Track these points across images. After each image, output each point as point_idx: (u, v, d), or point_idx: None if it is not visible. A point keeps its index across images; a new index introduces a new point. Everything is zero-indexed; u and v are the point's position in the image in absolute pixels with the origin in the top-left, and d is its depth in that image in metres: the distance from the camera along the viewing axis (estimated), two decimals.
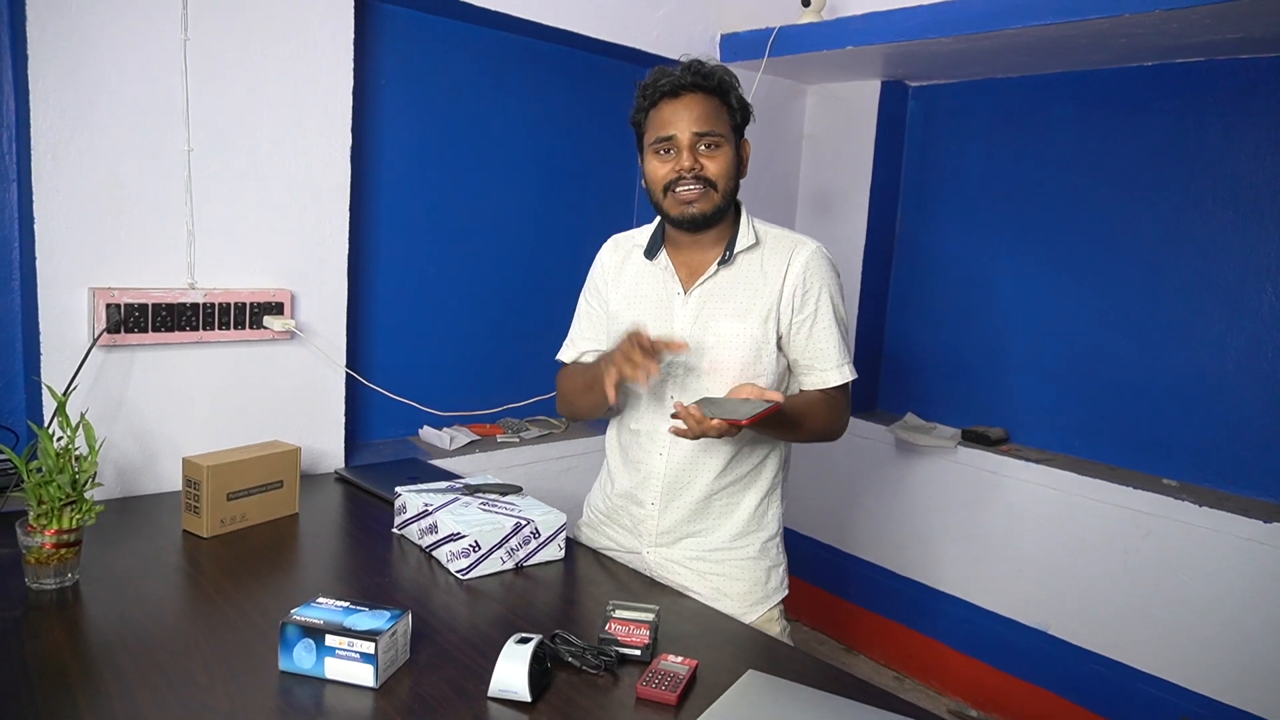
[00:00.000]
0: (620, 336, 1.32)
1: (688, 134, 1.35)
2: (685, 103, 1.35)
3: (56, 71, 1.53)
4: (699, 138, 1.35)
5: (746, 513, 1.47)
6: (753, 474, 1.47)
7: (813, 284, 1.40)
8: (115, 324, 1.62)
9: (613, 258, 1.55)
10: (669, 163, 1.37)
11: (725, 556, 1.47)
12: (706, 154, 1.36)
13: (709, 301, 1.41)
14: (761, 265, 1.41)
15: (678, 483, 1.46)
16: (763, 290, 1.40)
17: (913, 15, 2.26)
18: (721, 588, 1.47)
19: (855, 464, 2.96)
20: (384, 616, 1.09)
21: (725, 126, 1.37)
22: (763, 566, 1.49)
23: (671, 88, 1.35)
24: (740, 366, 1.39)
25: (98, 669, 1.05)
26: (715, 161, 1.36)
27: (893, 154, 2.97)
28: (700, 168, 1.35)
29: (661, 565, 1.50)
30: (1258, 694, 2.10)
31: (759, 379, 1.40)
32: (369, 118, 2.10)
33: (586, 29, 2.31)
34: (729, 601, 1.46)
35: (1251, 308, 2.26)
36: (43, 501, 1.22)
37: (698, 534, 1.48)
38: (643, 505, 1.49)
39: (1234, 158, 2.27)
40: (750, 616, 1.46)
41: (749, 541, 1.48)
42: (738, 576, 1.47)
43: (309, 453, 1.92)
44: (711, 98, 1.36)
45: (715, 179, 1.36)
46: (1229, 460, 2.31)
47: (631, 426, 1.50)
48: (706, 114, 1.35)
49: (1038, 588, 2.55)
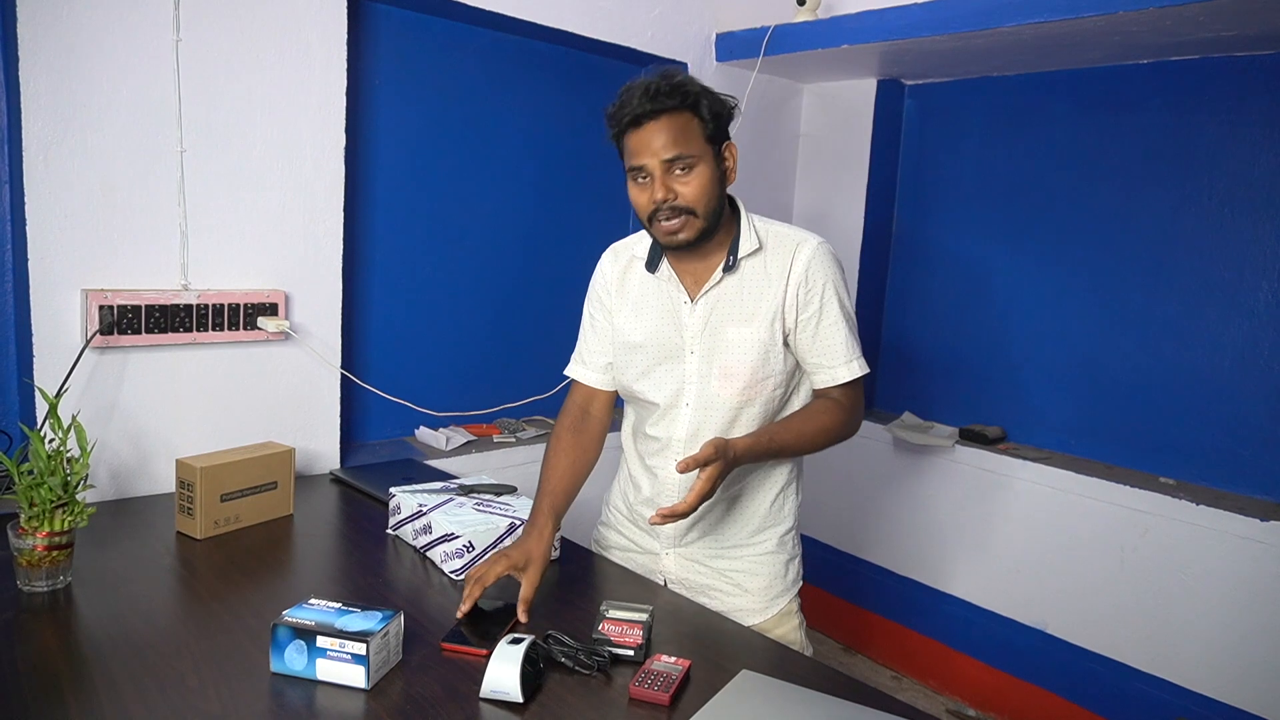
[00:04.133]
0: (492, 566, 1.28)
1: (656, 162, 1.29)
2: (649, 131, 1.29)
3: (48, 72, 1.53)
4: (669, 165, 1.29)
5: (764, 507, 1.47)
6: (767, 469, 1.47)
7: (816, 281, 1.39)
8: (108, 325, 1.61)
9: (614, 268, 1.51)
10: (646, 191, 1.32)
11: (744, 552, 1.47)
12: (680, 178, 1.30)
13: (716, 308, 1.40)
14: (765, 268, 1.40)
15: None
16: (767, 293, 1.39)
17: (907, 13, 2.26)
18: (742, 583, 1.47)
19: (853, 463, 2.95)
20: (376, 618, 1.08)
21: (698, 143, 1.30)
22: (781, 560, 1.49)
23: (632, 117, 1.29)
24: (750, 370, 1.38)
25: (89, 672, 1.05)
26: (690, 185, 1.30)
27: (889, 153, 2.96)
28: (675, 196, 1.30)
29: (680, 566, 1.50)
30: (1254, 692, 2.10)
31: (768, 380, 1.39)
32: (363, 118, 2.10)
33: (581, 28, 2.31)
34: (749, 597, 1.47)
35: (1248, 305, 2.25)
36: (34, 504, 1.21)
37: (715, 531, 1.48)
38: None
39: (1230, 155, 2.27)
40: (772, 610, 1.47)
41: (767, 536, 1.48)
42: (757, 571, 1.48)
43: (304, 454, 1.91)
44: (678, 116, 1.29)
45: (693, 205, 1.31)
46: (1226, 459, 2.30)
47: (648, 433, 1.48)
48: (673, 138, 1.28)
49: (1035, 586, 2.54)
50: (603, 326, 1.52)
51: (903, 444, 2.83)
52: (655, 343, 1.42)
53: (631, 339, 1.45)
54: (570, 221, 2.57)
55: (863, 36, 2.37)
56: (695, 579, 1.48)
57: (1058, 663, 2.48)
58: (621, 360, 1.47)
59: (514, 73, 2.39)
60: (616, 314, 1.49)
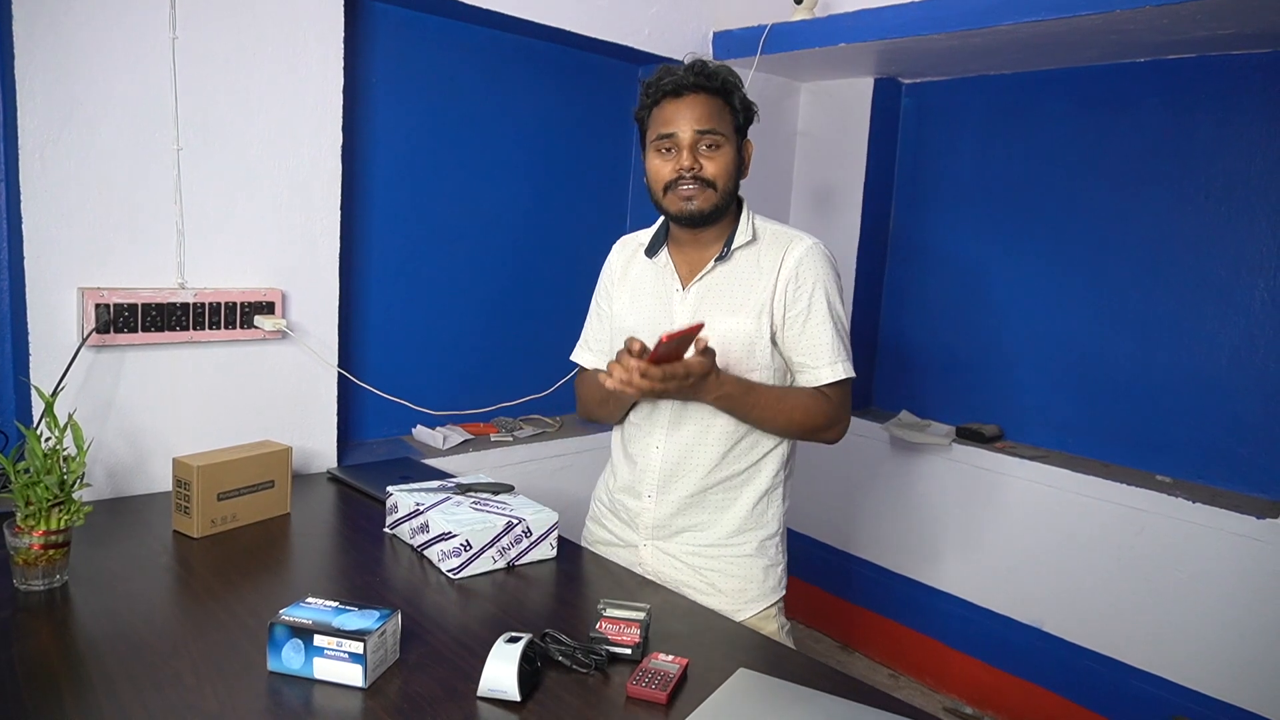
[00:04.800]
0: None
1: (689, 132, 1.36)
2: (688, 102, 1.36)
3: (44, 70, 1.52)
4: (700, 136, 1.36)
5: (744, 509, 1.47)
6: (751, 470, 1.47)
7: (805, 279, 1.39)
8: (104, 324, 1.61)
9: (619, 257, 1.58)
10: (670, 161, 1.38)
11: (720, 552, 1.47)
12: (707, 154, 1.37)
13: (706, 297, 1.43)
14: (758, 261, 1.42)
15: (673, 475, 1.46)
16: (757, 285, 1.40)
17: (904, 12, 2.26)
18: (715, 583, 1.47)
19: (850, 462, 2.96)
20: (373, 616, 1.08)
21: (727, 126, 1.39)
22: (759, 565, 1.48)
23: (674, 86, 1.36)
24: (735, 361, 1.40)
25: (85, 670, 1.05)
26: (715, 161, 1.37)
27: (886, 151, 2.97)
28: (700, 167, 1.36)
29: (656, 559, 1.51)
30: (1251, 690, 2.10)
31: (753, 374, 1.40)
32: (360, 116, 2.10)
33: (578, 27, 2.30)
34: (721, 597, 1.46)
35: (1244, 304, 2.26)
36: (30, 502, 1.21)
37: (694, 528, 1.48)
38: (639, 498, 1.50)
39: (1226, 154, 2.27)
40: (743, 614, 1.45)
41: (746, 539, 1.47)
42: (732, 573, 1.47)
43: (301, 453, 1.91)
44: (714, 98, 1.37)
45: (714, 178, 1.37)
46: (1222, 456, 2.31)
47: (632, 419, 1.52)
48: (708, 113, 1.36)
49: (1032, 585, 2.55)
50: (604, 313, 1.58)
51: (900, 442, 2.83)
52: (646, 327, 1.45)
53: (625, 323, 1.50)
54: (567, 220, 2.57)
55: (860, 35, 2.37)
56: (670, 574, 1.49)
57: (1055, 661, 2.48)
58: (615, 344, 1.48)
59: (511, 71, 2.39)
60: (616, 300, 1.55)
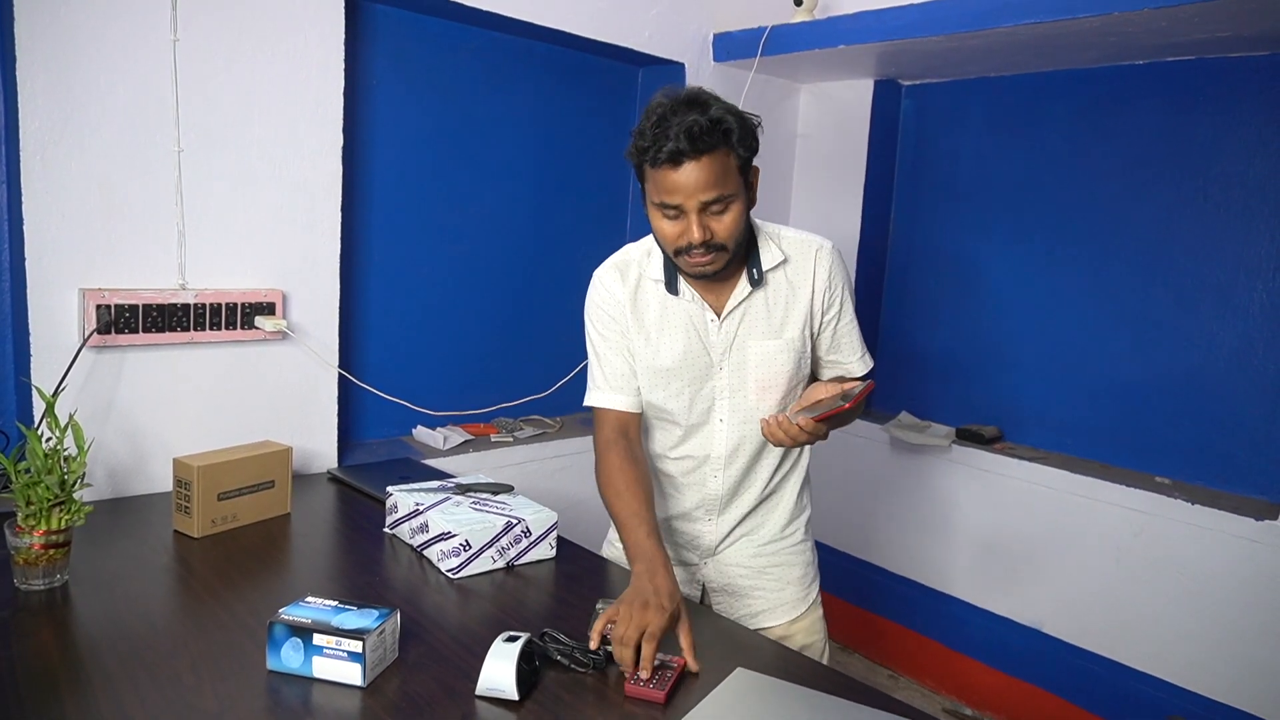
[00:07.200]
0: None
1: (694, 203, 1.23)
2: (687, 171, 1.21)
3: (45, 72, 1.53)
4: (707, 205, 1.23)
5: (791, 500, 1.50)
6: (796, 462, 1.51)
7: (836, 284, 1.42)
8: (105, 325, 1.61)
9: (623, 289, 1.41)
10: (676, 225, 1.26)
11: (779, 547, 1.50)
12: (715, 217, 1.25)
13: (744, 322, 1.38)
14: (788, 278, 1.39)
15: (733, 495, 1.46)
16: (795, 302, 1.39)
17: (903, 14, 2.26)
18: (783, 577, 1.49)
19: (849, 462, 2.96)
20: (372, 615, 1.09)
21: (734, 181, 1.24)
22: (809, 546, 1.55)
23: (671, 157, 1.20)
24: (787, 379, 1.40)
25: (85, 670, 1.05)
26: (724, 223, 1.25)
27: (886, 153, 2.97)
28: (710, 235, 1.25)
29: (720, 573, 1.50)
30: (1249, 691, 2.11)
31: (799, 385, 1.42)
32: (360, 117, 2.10)
33: (579, 28, 2.31)
34: (793, 588, 1.49)
35: (1242, 306, 2.26)
36: (31, 502, 1.22)
37: (751, 532, 1.49)
38: (697, 522, 1.48)
39: (1224, 156, 2.28)
40: (812, 596, 1.53)
41: (795, 526, 1.52)
42: (794, 562, 1.51)
43: (302, 453, 1.92)
44: (716, 155, 1.21)
45: (725, 241, 1.26)
46: (1221, 458, 2.31)
47: (677, 453, 1.45)
48: (712, 179, 1.21)
49: (1031, 586, 2.55)
50: (620, 345, 1.42)
51: (900, 443, 2.83)
52: (686, 364, 1.39)
53: (660, 363, 1.39)
54: (568, 221, 2.58)
55: (860, 37, 2.37)
56: (737, 583, 1.49)
57: (1054, 662, 2.49)
58: (649, 383, 1.42)
59: (511, 73, 2.39)
60: (634, 336, 1.41)
